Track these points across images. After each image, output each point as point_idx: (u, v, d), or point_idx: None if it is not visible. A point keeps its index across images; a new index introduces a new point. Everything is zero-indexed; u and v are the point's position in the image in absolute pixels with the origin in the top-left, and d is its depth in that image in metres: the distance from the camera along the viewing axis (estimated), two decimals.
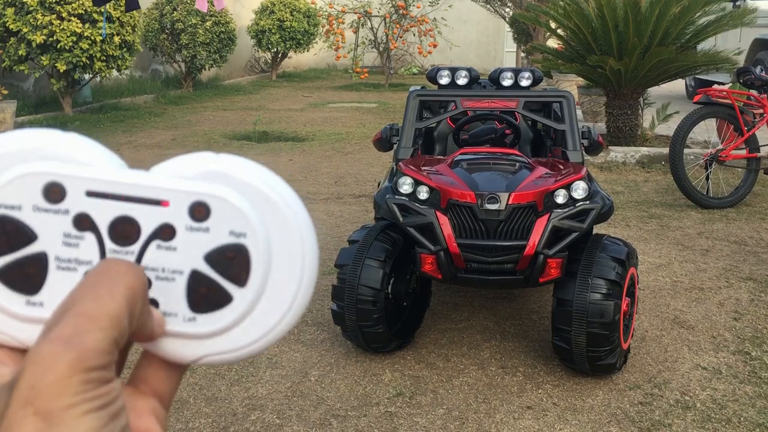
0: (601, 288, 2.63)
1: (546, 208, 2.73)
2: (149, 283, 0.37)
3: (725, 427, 2.51)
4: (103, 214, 0.37)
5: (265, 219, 0.38)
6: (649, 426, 2.51)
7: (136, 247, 0.37)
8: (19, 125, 8.11)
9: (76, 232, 0.37)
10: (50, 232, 0.36)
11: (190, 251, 0.37)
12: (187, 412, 2.60)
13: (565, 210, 2.74)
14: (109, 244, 0.37)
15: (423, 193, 2.82)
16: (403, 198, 2.84)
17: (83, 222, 0.37)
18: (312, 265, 0.38)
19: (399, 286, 2.93)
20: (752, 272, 4.02)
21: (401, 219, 2.81)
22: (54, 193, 0.36)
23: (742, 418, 2.56)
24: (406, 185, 2.86)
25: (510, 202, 2.69)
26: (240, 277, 0.37)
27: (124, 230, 0.37)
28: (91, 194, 0.36)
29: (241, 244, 0.37)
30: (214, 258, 0.37)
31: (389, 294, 2.88)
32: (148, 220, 0.37)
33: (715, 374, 2.87)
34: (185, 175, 0.38)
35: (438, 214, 2.75)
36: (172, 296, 0.37)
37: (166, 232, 0.37)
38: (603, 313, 2.61)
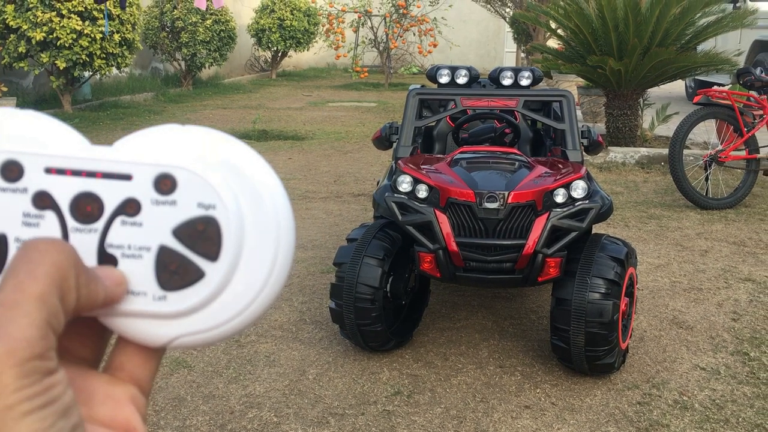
0: (600, 287, 2.63)
1: (545, 207, 2.73)
2: (115, 261, 0.35)
3: (723, 428, 2.51)
4: (64, 191, 0.35)
5: (235, 189, 0.36)
6: (647, 426, 2.51)
7: (99, 225, 0.35)
8: None
9: (35, 211, 0.35)
10: (9, 213, 0.35)
11: (156, 226, 0.35)
12: (184, 409, 2.60)
13: (565, 209, 2.73)
14: (71, 222, 0.35)
15: (422, 192, 2.81)
16: (402, 196, 2.84)
17: (43, 200, 0.35)
18: (288, 235, 0.37)
19: (398, 284, 2.92)
20: (751, 273, 4.01)
21: (400, 217, 2.81)
22: (11, 171, 0.35)
23: (740, 419, 2.56)
24: (405, 183, 2.86)
25: (509, 201, 2.69)
26: (211, 251, 0.35)
27: (87, 207, 0.35)
28: (50, 171, 0.35)
29: (210, 216, 0.35)
30: (183, 232, 0.35)
31: (388, 292, 2.88)
32: (111, 195, 0.35)
33: (714, 375, 2.87)
34: (149, 148, 0.36)
35: (437, 212, 2.74)
36: (140, 274, 0.35)
37: (130, 207, 0.35)
38: (602, 313, 2.61)
